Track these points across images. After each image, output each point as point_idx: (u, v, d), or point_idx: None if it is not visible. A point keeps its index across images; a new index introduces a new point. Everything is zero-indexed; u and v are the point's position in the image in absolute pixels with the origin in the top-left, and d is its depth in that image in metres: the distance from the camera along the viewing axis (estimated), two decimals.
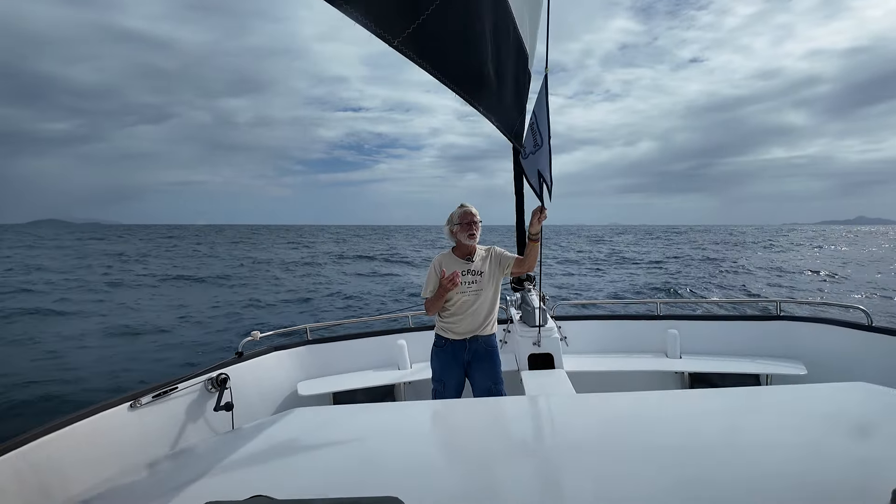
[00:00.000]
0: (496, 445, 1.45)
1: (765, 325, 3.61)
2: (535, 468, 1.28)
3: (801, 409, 1.52)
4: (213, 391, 2.95)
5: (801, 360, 3.33)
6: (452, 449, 1.48)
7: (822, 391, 1.74)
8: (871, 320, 3.20)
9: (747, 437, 1.35)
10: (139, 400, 2.51)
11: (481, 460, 1.34)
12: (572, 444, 1.43)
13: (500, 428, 1.66)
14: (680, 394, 2.04)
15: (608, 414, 1.66)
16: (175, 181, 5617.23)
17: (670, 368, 3.49)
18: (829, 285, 17.71)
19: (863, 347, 3.13)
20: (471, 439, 1.54)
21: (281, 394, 3.49)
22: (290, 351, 3.65)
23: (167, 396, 2.67)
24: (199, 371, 2.92)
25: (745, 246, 45.81)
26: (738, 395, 1.78)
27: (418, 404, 1.98)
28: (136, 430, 2.47)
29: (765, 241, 57.45)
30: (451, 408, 2.00)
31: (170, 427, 2.70)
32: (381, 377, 3.64)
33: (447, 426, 1.69)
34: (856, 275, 20.94)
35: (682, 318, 3.85)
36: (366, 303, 14.72)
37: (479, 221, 2.75)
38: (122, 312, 12.91)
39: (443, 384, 2.82)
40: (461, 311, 2.75)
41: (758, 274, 21.10)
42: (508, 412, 1.80)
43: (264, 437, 1.68)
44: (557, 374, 3.09)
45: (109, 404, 2.39)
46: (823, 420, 1.43)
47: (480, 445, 1.47)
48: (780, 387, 2.10)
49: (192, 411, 2.82)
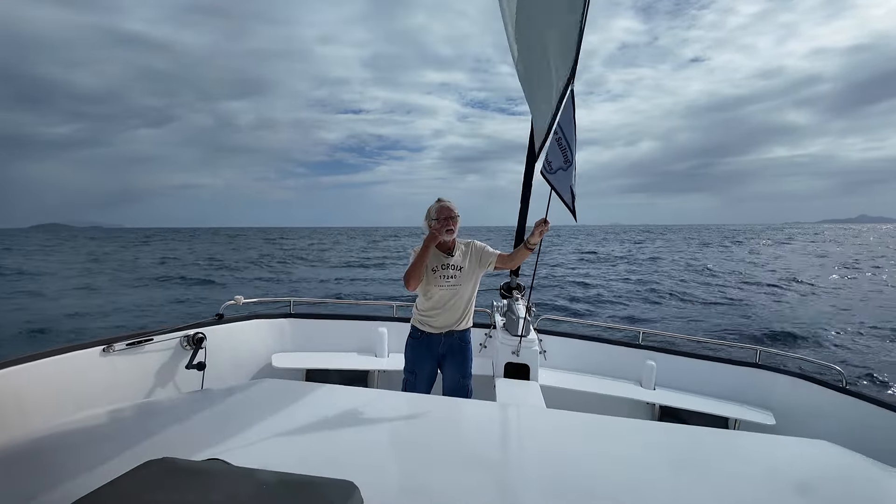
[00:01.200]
0: (459, 446, 1.46)
1: (742, 371, 3.64)
2: (493, 474, 1.29)
3: (762, 460, 1.53)
4: (188, 349, 2.93)
5: (772, 410, 3.36)
6: (416, 444, 1.48)
7: (785, 444, 1.76)
8: (846, 382, 3.24)
9: (703, 479, 1.36)
10: (112, 345, 2.49)
11: (442, 459, 1.34)
12: (533, 456, 1.44)
13: (466, 430, 1.67)
14: (647, 424, 2.06)
15: (575, 433, 1.67)
16: (177, 184, 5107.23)
17: (643, 398, 3.52)
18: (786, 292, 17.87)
19: (832, 406, 3.17)
20: (435, 437, 1.55)
21: (255, 362, 3.49)
22: (270, 321, 3.64)
23: (141, 347, 2.65)
24: (177, 326, 2.91)
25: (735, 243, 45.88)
26: (703, 434, 1.80)
27: (389, 394, 1.99)
28: (105, 375, 2.46)
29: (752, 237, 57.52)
30: (420, 403, 2.00)
31: (140, 377, 2.68)
32: (356, 361, 3.64)
33: (414, 421, 1.69)
34: (821, 280, 21.01)
35: (661, 350, 3.87)
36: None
37: (457, 216, 2.73)
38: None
39: (414, 375, 2.84)
40: (439, 305, 2.76)
41: (723, 277, 21.58)
42: (477, 416, 1.81)
43: (231, 402, 1.68)
44: (531, 385, 3.10)
45: (82, 345, 2.37)
46: (782, 473, 1.45)
47: (444, 444, 1.48)
48: (746, 433, 2.12)
49: (164, 365, 2.81)
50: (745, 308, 14.57)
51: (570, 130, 2.71)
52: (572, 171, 2.72)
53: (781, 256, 35.04)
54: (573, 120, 2.70)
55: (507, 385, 3.06)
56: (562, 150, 2.76)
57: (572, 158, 2.71)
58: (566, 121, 2.74)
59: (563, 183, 2.78)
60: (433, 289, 2.74)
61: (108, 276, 20.49)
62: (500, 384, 3.05)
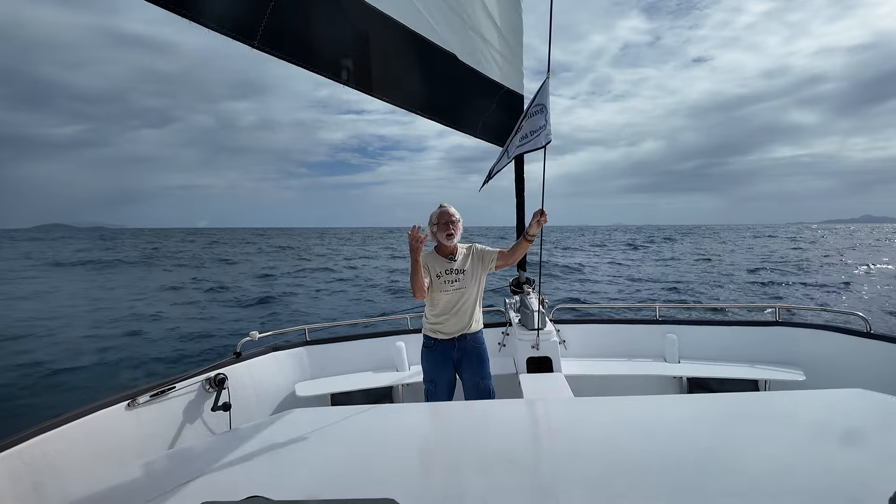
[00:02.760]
0: (493, 448, 1.45)
1: (763, 331, 3.61)
2: (531, 472, 1.28)
3: (800, 415, 1.52)
4: (211, 391, 2.94)
5: (800, 366, 3.33)
6: (449, 451, 1.48)
7: (820, 397, 1.74)
8: (870, 327, 3.20)
9: (746, 443, 1.35)
10: (136, 399, 2.50)
11: (478, 463, 1.33)
12: (570, 449, 1.43)
13: (497, 431, 1.66)
14: (678, 398, 2.04)
15: (606, 418, 1.66)
16: (179, 185, 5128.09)
17: (669, 373, 3.49)
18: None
19: (860, 354, 3.13)
20: (468, 442, 1.54)
21: (279, 394, 3.49)
22: (288, 352, 3.65)
23: (164, 396, 2.66)
24: (196, 371, 2.92)
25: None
26: (737, 400, 1.78)
27: (416, 406, 1.98)
28: (133, 430, 2.46)
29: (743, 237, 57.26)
30: (448, 410, 1.99)
31: (167, 427, 2.69)
32: (379, 379, 3.63)
33: (445, 428, 1.69)
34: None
35: (680, 322, 3.85)
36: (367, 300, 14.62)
37: (458, 220, 2.77)
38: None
39: (434, 384, 2.86)
40: (446, 310, 2.79)
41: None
42: (505, 415, 1.80)
43: (262, 437, 1.68)
44: (556, 377, 3.09)
45: (106, 403, 2.38)
46: (822, 426, 1.43)
47: (477, 448, 1.47)
48: (778, 392, 2.10)
49: (189, 411, 2.81)
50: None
51: (547, 111, 2.79)
52: (504, 157, 3.02)
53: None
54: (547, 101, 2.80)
55: (532, 380, 3.05)
56: (545, 121, 2.79)
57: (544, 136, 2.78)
58: (543, 98, 2.81)
59: (512, 151, 2.98)
60: (439, 294, 2.76)
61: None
62: (524, 380, 3.04)
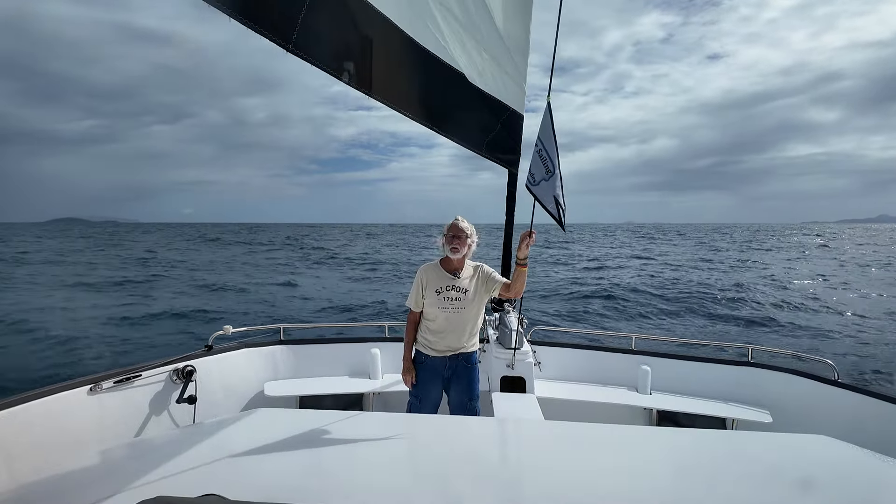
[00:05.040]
0: (458, 465, 1.44)
1: (735, 370, 3.67)
2: (492, 490, 1.27)
3: (763, 457, 1.54)
4: (178, 382, 2.87)
5: (768, 408, 3.39)
6: (413, 465, 1.46)
7: (784, 441, 1.77)
8: (838, 375, 3.28)
9: (707, 480, 1.37)
10: (100, 384, 2.43)
11: (440, 479, 1.32)
12: (534, 470, 1.43)
13: (464, 448, 1.65)
14: (646, 430, 2.06)
15: (574, 443, 1.66)
16: (191, 180, 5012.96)
17: (639, 404, 3.52)
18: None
19: (827, 401, 3.20)
20: (433, 457, 1.53)
21: (247, 392, 3.42)
22: (260, 349, 3.59)
23: (129, 383, 2.59)
24: (165, 360, 2.85)
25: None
26: (704, 437, 1.80)
27: (385, 416, 1.96)
28: (94, 415, 2.39)
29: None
30: (417, 423, 1.98)
31: (129, 415, 2.61)
32: (350, 385, 3.59)
33: (411, 441, 1.67)
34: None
35: (655, 354, 3.90)
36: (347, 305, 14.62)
37: (467, 236, 2.68)
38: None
39: (419, 399, 2.79)
40: (443, 328, 2.72)
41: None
42: (475, 432, 1.79)
43: (225, 434, 1.64)
44: (528, 398, 3.09)
45: (67, 386, 2.31)
46: (783, 470, 1.45)
47: (441, 464, 1.46)
48: (744, 432, 2.13)
49: (154, 401, 2.74)
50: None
51: (550, 141, 2.77)
52: (555, 180, 2.75)
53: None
54: (552, 130, 2.76)
55: (504, 399, 3.04)
56: (542, 162, 2.81)
57: (554, 168, 2.75)
58: (545, 133, 2.81)
59: (548, 193, 2.82)
60: (435, 311, 2.70)
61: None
62: (496, 399, 3.03)
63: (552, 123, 2.79)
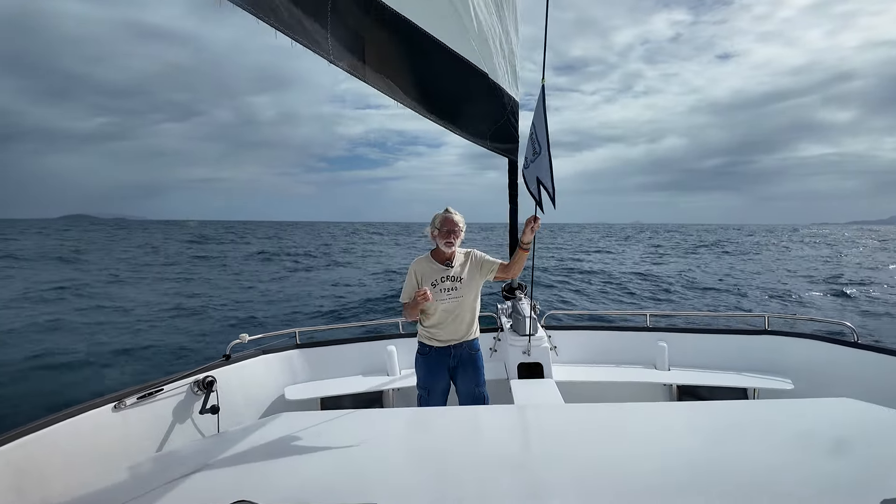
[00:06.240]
0: (482, 454, 1.45)
1: (753, 340, 3.64)
2: (520, 478, 1.28)
3: (788, 424, 1.53)
4: (200, 394, 2.91)
5: (788, 375, 3.36)
6: (437, 457, 1.47)
7: (808, 406, 1.76)
8: (857, 337, 3.24)
9: (734, 451, 1.36)
10: (123, 401, 2.47)
11: (466, 469, 1.33)
12: (559, 454, 1.43)
13: (487, 437, 1.66)
14: (668, 406, 2.05)
15: (596, 424, 1.66)
16: (200, 178, 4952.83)
17: (659, 380, 3.50)
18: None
19: (848, 363, 3.17)
20: (456, 448, 1.54)
21: (268, 398, 3.45)
22: (278, 354, 3.62)
23: (152, 398, 2.63)
24: (185, 373, 2.88)
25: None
26: (726, 408, 1.79)
27: (405, 411, 1.98)
28: (120, 432, 2.43)
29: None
30: (438, 416, 1.99)
31: (154, 429, 2.65)
32: (369, 383, 3.61)
33: (434, 434, 1.68)
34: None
35: (671, 330, 3.87)
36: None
37: (461, 230, 2.71)
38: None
39: (427, 391, 2.81)
40: (443, 318, 2.75)
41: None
42: (496, 421, 1.80)
43: (250, 441, 1.66)
44: (546, 383, 3.09)
45: (92, 405, 2.34)
46: (809, 435, 1.44)
47: (466, 454, 1.46)
48: (767, 401, 2.12)
49: (177, 413, 2.78)
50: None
51: (541, 122, 2.80)
52: (542, 160, 2.77)
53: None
54: (543, 111, 2.80)
55: (523, 386, 3.05)
56: (532, 143, 2.84)
57: (541, 149, 2.76)
58: (538, 115, 2.84)
59: (532, 175, 2.85)
60: (434, 303, 2.71)
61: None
62: (515, 386, 3.04)
63: (544, 105, 2.81)
